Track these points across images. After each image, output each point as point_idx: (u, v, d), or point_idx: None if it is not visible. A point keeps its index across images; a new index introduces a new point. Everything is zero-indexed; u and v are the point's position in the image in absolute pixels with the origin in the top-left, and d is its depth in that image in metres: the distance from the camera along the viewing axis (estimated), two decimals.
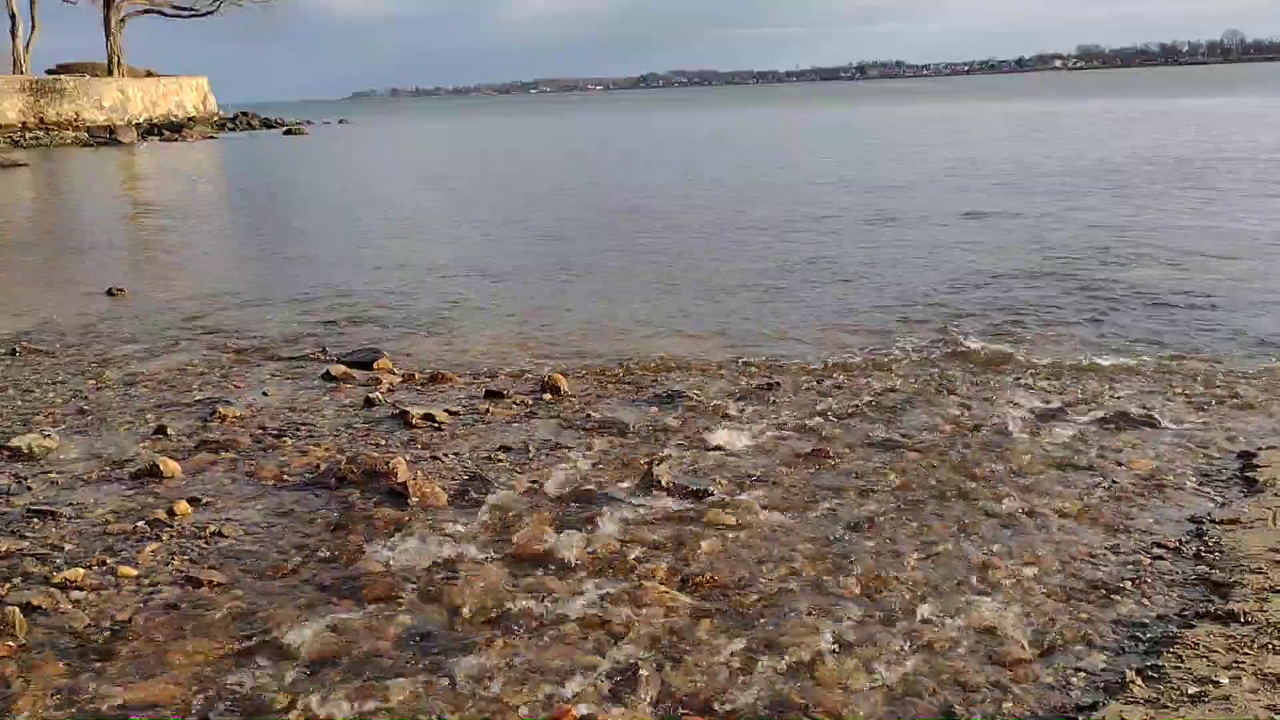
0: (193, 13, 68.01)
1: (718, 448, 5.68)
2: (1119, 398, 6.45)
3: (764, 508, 4.79)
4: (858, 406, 6.39)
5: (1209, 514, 4.61)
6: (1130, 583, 4.00)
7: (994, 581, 4.03)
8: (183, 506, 4.86)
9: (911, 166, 24.64)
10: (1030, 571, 4.10)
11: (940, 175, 21.99)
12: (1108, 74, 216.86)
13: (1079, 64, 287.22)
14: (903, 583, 4.03)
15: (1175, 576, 4.05)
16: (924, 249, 12.61)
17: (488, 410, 6.54)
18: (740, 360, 7.69)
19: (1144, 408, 6.17)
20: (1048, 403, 6.35)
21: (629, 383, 7.16)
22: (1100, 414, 6.07)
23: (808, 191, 19.93)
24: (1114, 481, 5.06)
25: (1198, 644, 3.49)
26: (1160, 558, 4.21)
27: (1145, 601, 3.86)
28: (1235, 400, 6.33)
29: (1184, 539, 4.37)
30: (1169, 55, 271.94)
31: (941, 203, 17.23)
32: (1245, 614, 3.65)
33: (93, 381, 7.41)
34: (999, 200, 17.25)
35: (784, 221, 15.64)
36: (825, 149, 34.10)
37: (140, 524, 4.71)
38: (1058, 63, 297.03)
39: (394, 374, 7.51)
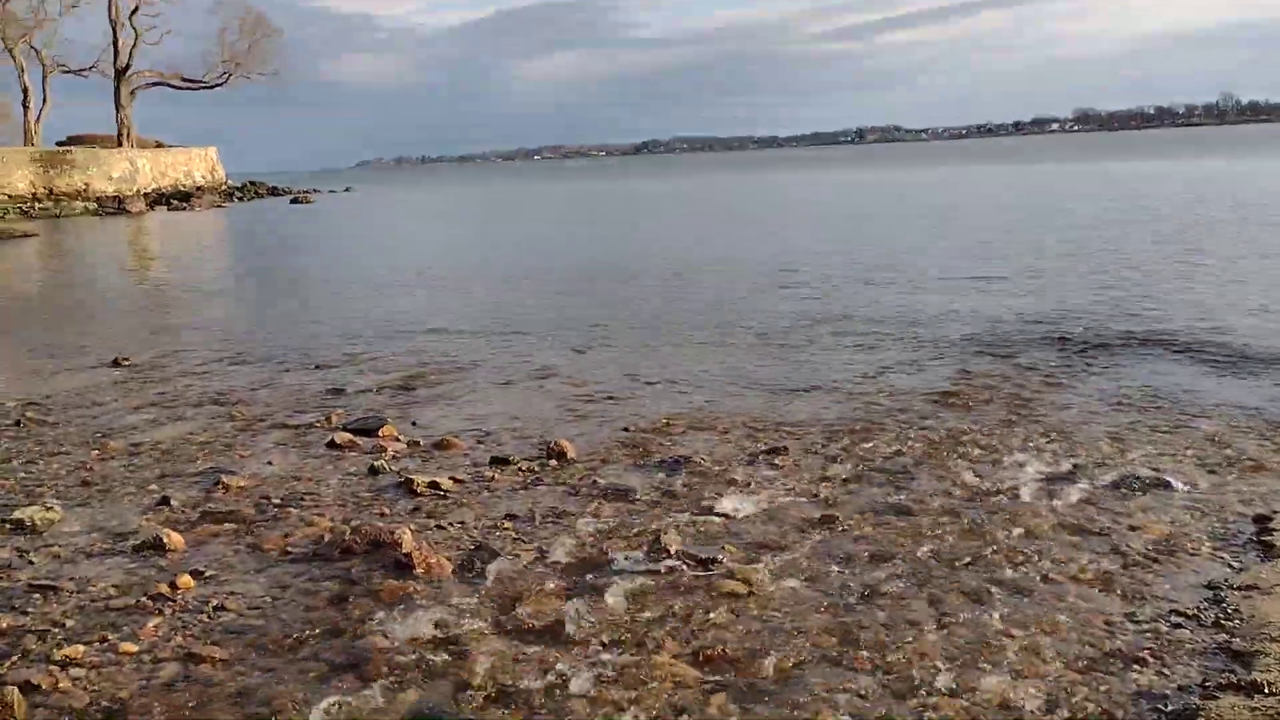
0: (202, 85, 69.22)
1: (726, 514, 5.63)
2: (1130, 460, 6.39)
3: (774, 576, 4.73)
4: (866, 471, 6.34)
5: (1226, 580, 4.54)
6: (1149, 652, 3.92)
7: (1010, 651, 3.95)
8: (185, 580, 4.81)
9: (919, 227, 24.80)
10: (1047, 641, 4.03)
11: (946, 235, 22.11)
12: (1105, 136, 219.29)
13: (1075, 127, 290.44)
14: (917, 654, 3.96)
15: (1195, 645, 3.97)
16: (931, 308, 12.62)
17: (493, 477, 6.49)
18: (747, 423, 7.65)
19: (1155, 470, 6.12)
20: (1058, 465, 6.29)
21: (635, 447, 7.12)
22: (1112, 477, 6.01)
23: (814, 251, 20.03)
24: (1128, 546, 4.99)
25: (1221, 717, 3.41)
26: (1179, 626, 4.13)
27: (1165, 672, 3.78)
28: (1248, 461, 6.27)
29: (1202, 606, 4.30)
30: (1165, 117, 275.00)
31: (950, 262, 17.30)
32: (1269, 684, 3.57)
33: (97, 452, 7.38)
34: (1008, 260, 17.31)
35: (794, 279, 15.69)
36: (834, 211, 34.36)
37: (143, 598, 4.66)
38: (1054, 126, 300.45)
39: (399, 441, 7.48)
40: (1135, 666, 3.82)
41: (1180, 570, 4.70)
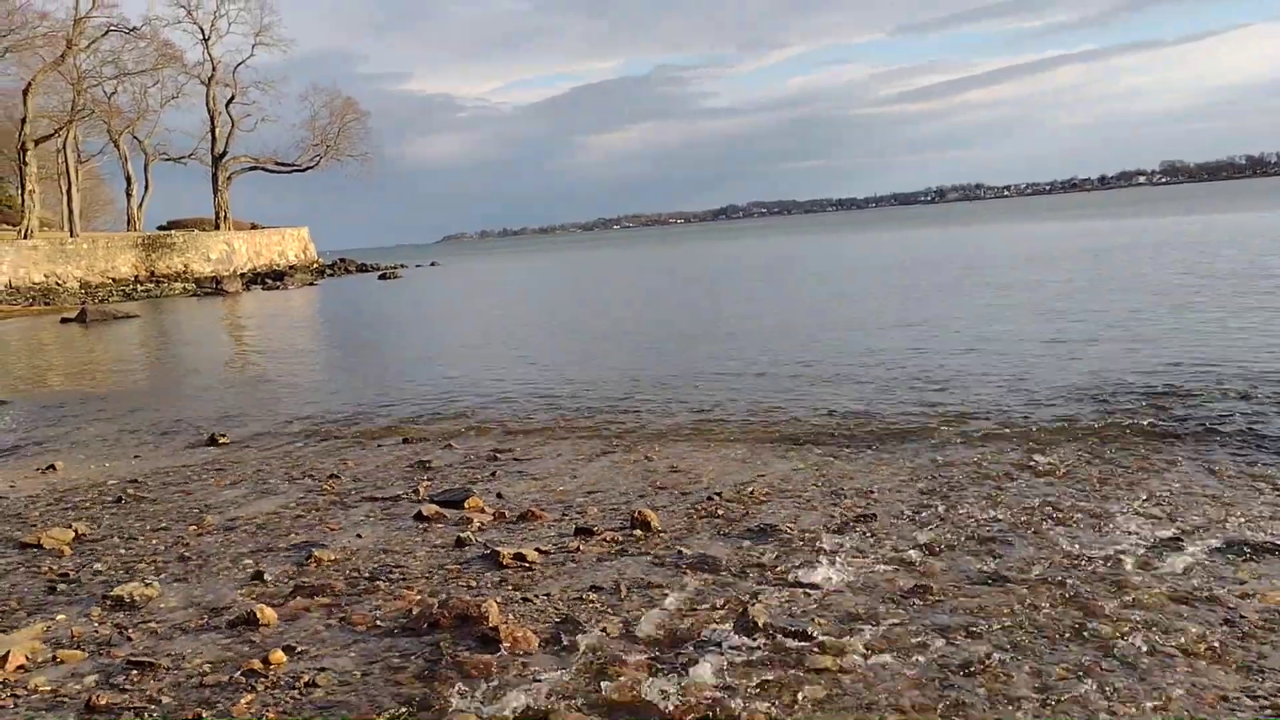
0: (295, 168, 71.92)
1: (814, 585, 5.51)
2: (1238, 523, 6.11)
3: (867, 650, 4.60)
4: (960, 538, 6.17)
5: None
6: None
7: None
8: (278, 655, 4.85)
9: (994, 284, 24.43)
10: (1158, 718, 3.83)
11: (1029, 298, 21.71)
12: (1194, 187, 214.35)
13: (1163, 179, 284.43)
14: None
15: None
16: (1015, 367, 12.35)
17: (578, 548, 6.47)
18: (833, 490, 7.53)
19: (1267, 534, 5.84)
20: (1161, 530, 6.05)
21: (720, 516, 7.05)
22: (1220, 541, 5.76)
23: (881, 309, 19.83)
24: (1241, 616, 4.75)
25: None
26: None
27: None
28: None
29: None
30: (1256, 166, 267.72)
31: (1033, 317, 16.97)
32: None
33: (194, 527, 7.56)
34: (1112, 312, 16.92)
35: (866, 340, 15.52)
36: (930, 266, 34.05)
37: (236, 675, 4.71)
38: (1141, 179, 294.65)
39: (484, 512, 7.52)
40: None
41: None
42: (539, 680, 4.46)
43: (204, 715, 4.28)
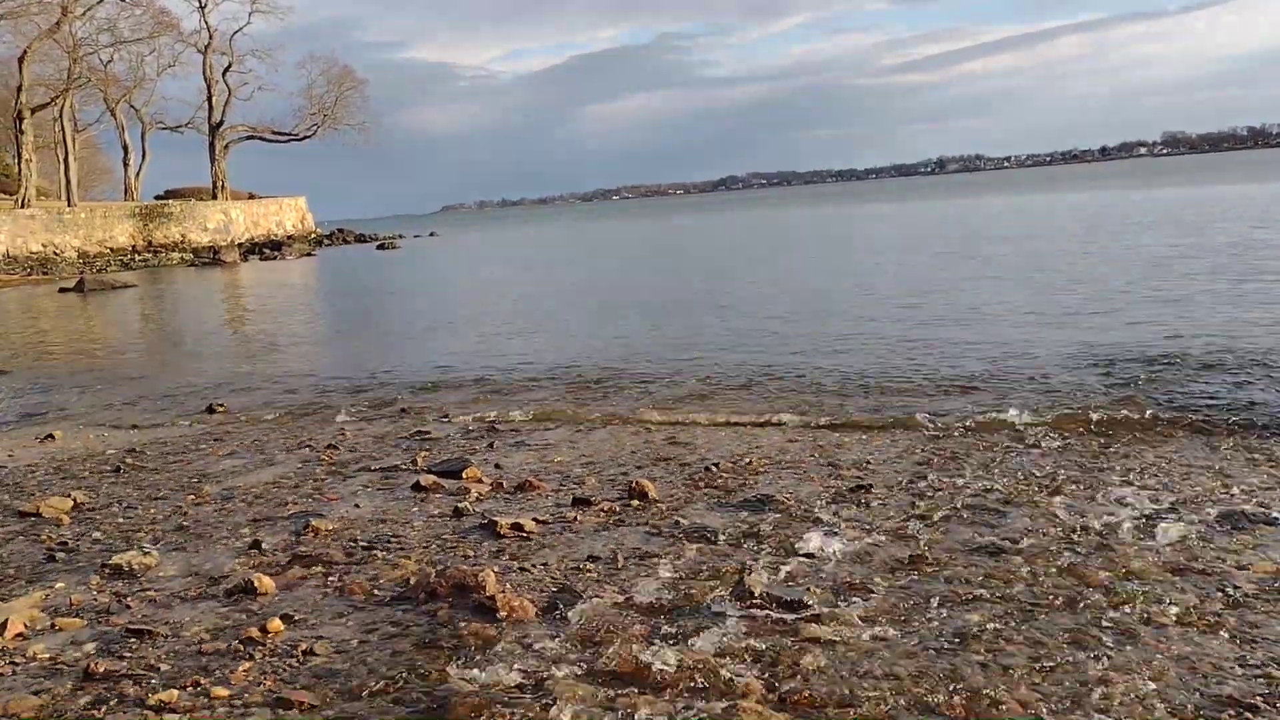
0: (292, 137, 71.56)
1: (811, 555, 5.52)
2: (1233, 495, 6.13)
3: (862, 619, 4.62)
4: (955, 508, 6.19)
5: None
6: (1262, 699, 3.72)
7: (1113, 699, 3.78)
8: (275, 624, 4.87)
9: (997, 256, 24.38)
10: (1153, 687, 3.85)
11: (1023, 266, 21.67)
12: (1195, 158, 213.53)
13: (1164, 150, 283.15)
14: (1014, 701, 3.81)
15: None
16: (1013, 340, 12.35)
17: (575, 518, 6.49)
18: (830, 460, 7.55)
19: (1262, 505, 5.85)
20: (1157, 501, 6.07)
21: (718, 486, 7.06)
22: (1214, 512, 5.77)
23: (880, 282, 19.80)
24: (1235, 586, 4.77)
25: None
26: None
27: None
28: None
29: None
30: (1258, 138, 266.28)
31: (1044, 287, 16.95)
32: None
33: (192, 496, 7.57)
34: (1106, 286, 16.90)
35: (865, 312, 15.52)
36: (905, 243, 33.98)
37: (234, 643, 4.73)
38: (1142, 150, 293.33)
39: (482, 483, 7.53)
40: (1248, 714, 3.63)
41: None
42: (536, 649, 4.48)
43: (202, 682, 4.30)
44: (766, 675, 4.13)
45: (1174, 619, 4.44)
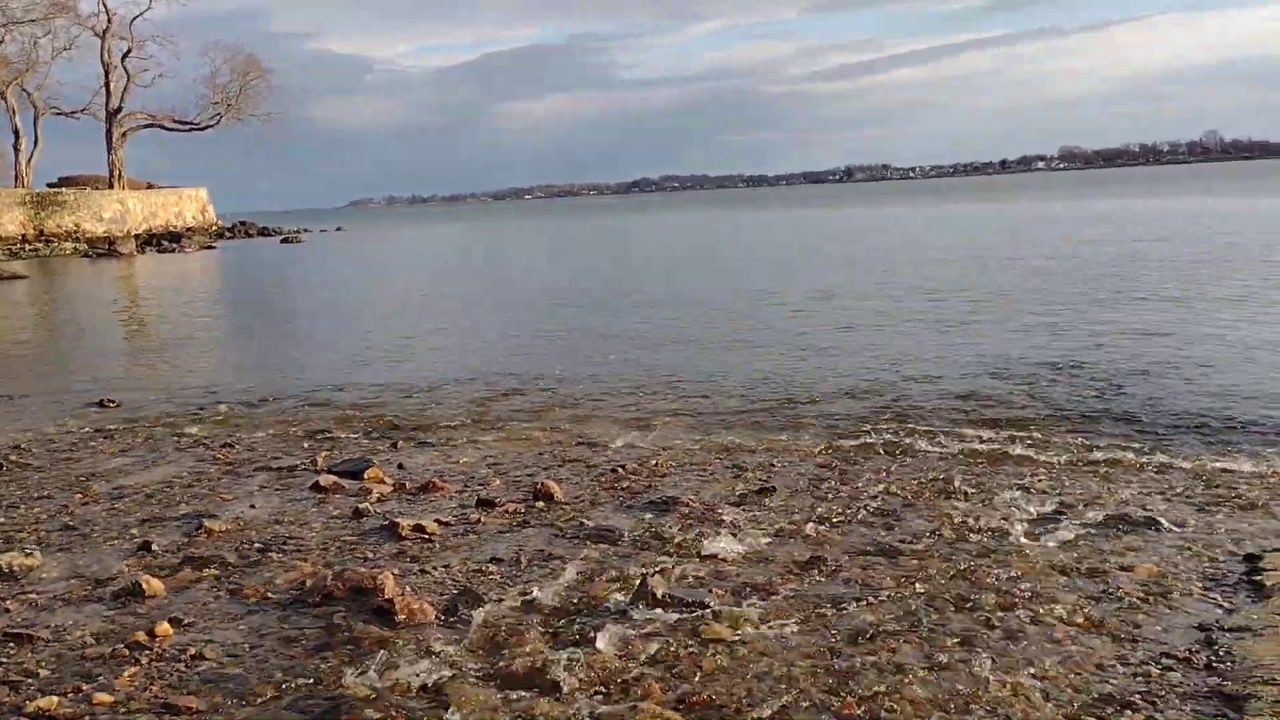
0: (194, 126, 69.51)
1: (714, 556, 5.57)
2: (1119, 498, 6.36)
3: (761, 620, 4.67)
4: (855, 511, 6.30)
5: (1217, 621, 4.50)
6: (1141, 697, 3.87)
7: (1001, 698, 3.89)
8: (164, 628, 4.72)
9: (906, 264, 24.91)
10: (1038, 686, 3.96)
11: (925, 272, 22.19)
12: (1090, 173, 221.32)
13: (1061, 165, 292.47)
14: (906, 700, 3.89)
15: (1187, 689, 3.92)
16: (911, 346, 12.63)
17: (479, 520, 6.43)
18: (735, 463, 7.62)
19: (1145, 509, 6.08)
20: (1047, 504, 6.26)
21: (624, 488, 7.07)
22: (1101, 516, 5.98)
23: (783, 286, 20.08)
24: (1118, 587, 4.94)
25: None
26: (1170, 669, 4.08)
27: (1157, 717, 3.72)
28: (1237, 500, 6.25)
29: (1193, 648, 4.25)
30: (1149, 155, 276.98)
31: (941, 297, 17.35)
32: None
33: (79, 495, 7.29)
34: (998, 294, 17.37)
35: (770, 316, 15.70)
36: (835, 248, 34.50)
37: (119, 647, 4.57)
38: (1040, 164, 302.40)
39: (385, 483, 7.41)
40: (1127, 712, 3.77)
41: (1171, 611, 4.66)
42: (435, 652, 4.42)
43: (84, 688, 4.14)
44: (667, 677, 4.14)
45: (1060, 620, 4.58)
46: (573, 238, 56.20)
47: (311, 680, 4.21)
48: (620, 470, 7.52)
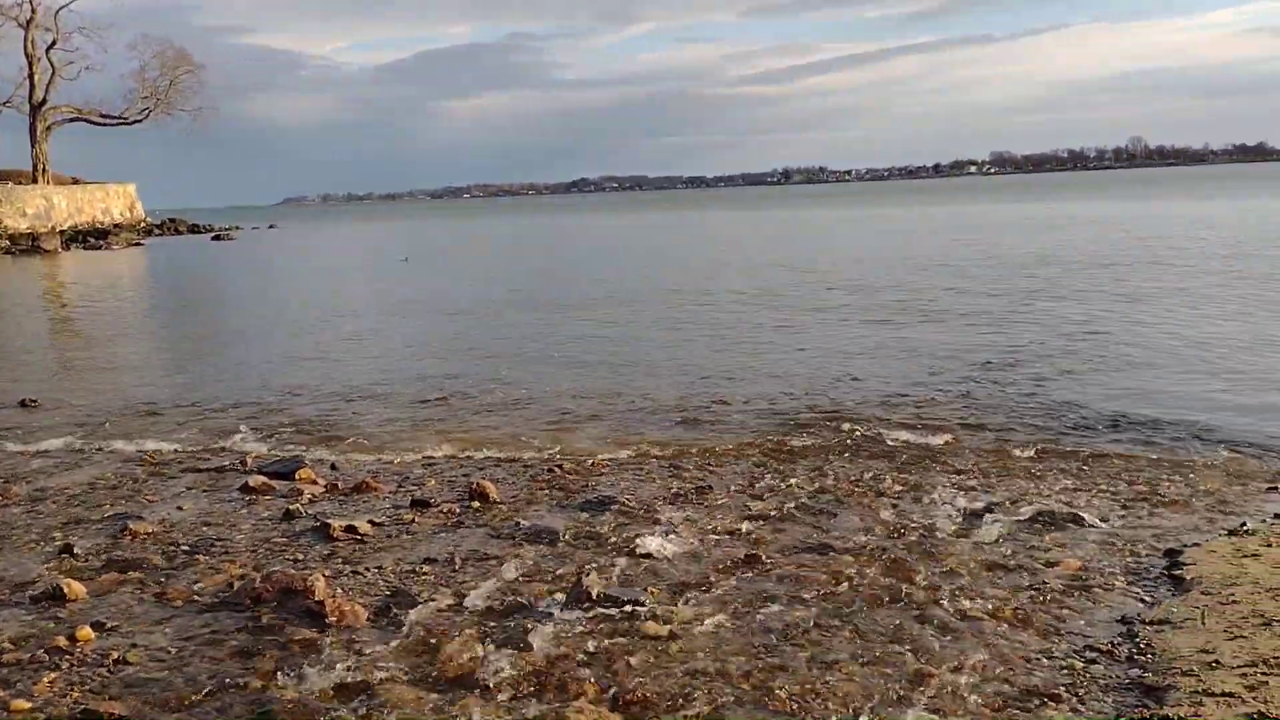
0: (121, 121, 67.81)
1: (649, 555, 5.57)
2: (1045, 496, 6.50)
3: (697, 617, 4.68)
4: (790, 509, 6.35)
5: (1139, 614, 4.61)
6: (1065, 689, 3.95)
7: (929, 691, 3.95)
8: (85, 632, 4.60)
9: (844, 264, 25.18)
10: (965, 679, 4.03)
11: (868, 273, 22.45)
12: (1019, 178, 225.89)
13: (992, 169, 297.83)
14: (836, 694, 3.93)
15: (1109, 681, 4.01)
16: (850, 346, 12.77)
17: (413, 520, 6.37)
18: (672, 461, 7.63)
19: (1070, 506, 6.22)
20: (976, 502, 6.37)
21: (560, 487, 7.05)
22: (1027, 512, 6.10)
23: (719, 284, 20.19)
24: (1044, 582, 5.05)
25: None
26: (1093, 661, 4.18)
27: (1080, 709, 3.81)
28: (1158, 497, 6.42)
29: (1116, 641, 4.35)
30: (1077, 160, 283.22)
31: (872, 298, 17.56)
32: (1180, 719, 3.61)
33: None
34: (928, 296, 17.62)
35: (708, 315, 15.78)
36: (775, 248, 34.73)
37: (39, 652, 4.44)
38: (972, 168, 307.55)
39: (316, 484, 7.30)
40: (1051, 704, 3.84)
41: (1095, 605, 4.76)
42: (366, 655, 4.37)
43: (0, 695, 4.02)
44: (601, 675, 4.14)
45: (988, 614, 4.66)
46: (516, 237, 55.90)
47: (238, 684, 4.13)
48: (557, 470, 7.50)
